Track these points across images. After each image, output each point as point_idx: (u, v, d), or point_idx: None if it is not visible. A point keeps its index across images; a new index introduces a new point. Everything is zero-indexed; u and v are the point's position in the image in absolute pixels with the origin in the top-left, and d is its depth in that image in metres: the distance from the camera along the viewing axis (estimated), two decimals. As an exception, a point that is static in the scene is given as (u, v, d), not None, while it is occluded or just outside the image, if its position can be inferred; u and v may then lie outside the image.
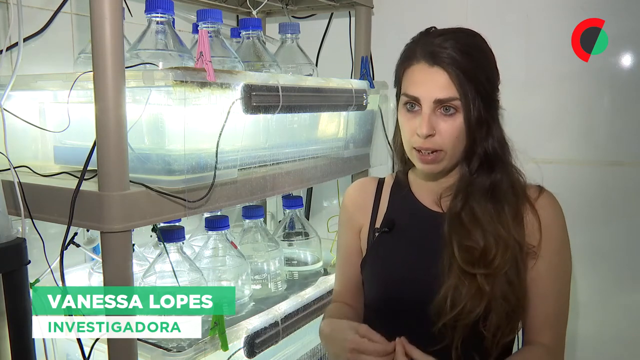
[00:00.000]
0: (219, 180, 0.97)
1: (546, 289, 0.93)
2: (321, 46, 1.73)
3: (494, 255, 0.88)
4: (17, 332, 0.82)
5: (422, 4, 1.57)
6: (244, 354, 1.10)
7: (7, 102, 0.97)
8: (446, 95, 0.89)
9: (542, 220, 0.93)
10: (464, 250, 0.89)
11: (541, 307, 0.93)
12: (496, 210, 0.92)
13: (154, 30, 1.04)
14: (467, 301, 0.87)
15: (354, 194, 1.11)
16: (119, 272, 0.84)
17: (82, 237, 1.14)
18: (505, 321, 0.88)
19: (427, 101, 0.90)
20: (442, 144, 0.90)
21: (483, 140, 0.92)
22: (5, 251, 0.79)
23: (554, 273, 0.93)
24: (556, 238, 0.94)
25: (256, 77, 1.04)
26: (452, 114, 0.90)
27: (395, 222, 1.01)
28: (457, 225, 0.92)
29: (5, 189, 0.88)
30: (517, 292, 0.89)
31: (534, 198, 0.94)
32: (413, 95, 0.91)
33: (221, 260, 1.22)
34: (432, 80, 0.89)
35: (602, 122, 1.38)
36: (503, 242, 0.89)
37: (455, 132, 0.90)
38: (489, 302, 0.87)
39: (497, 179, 0.93)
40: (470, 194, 0.93)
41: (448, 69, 0.88)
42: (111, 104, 0.80)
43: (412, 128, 0.92)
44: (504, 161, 0.94)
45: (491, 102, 0.93)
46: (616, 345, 1.41)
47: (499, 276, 0.88)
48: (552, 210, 0.95)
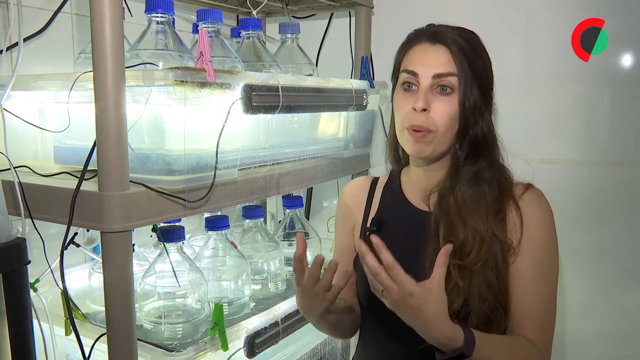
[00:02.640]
0: (219, 180, 0.97)
1: (527, 287, 0.90)
2: (321, 46, 1.73)
3: (470, 249, 0.88)
4: (17, 332, 0.82)
5: (422, 4, 1.58)
6: (244, 354, 1.10)
7: (7, 102, 0.97)
8: (445, 70, 0.90)
9: (524, 216, 0.92)
10: (447, 243, 0.89)
11: (522, 306, 0.90)
12: (477, 196, 0.92)
13: (154, 30, 1.04)
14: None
15: (347, 194, 1.12)
16: (119, 272, 0.83)
17: (82, 237, 1.14)
18: (484, 322, 0.87)
19: (426, 76, 0.91)
20: (434, 123, 0.91)
21: (474, 127, 0.92)
22: (5, 251, 0.79)
23: (536, 271, 0.91)
24: (539, 235, 0.92)
25: (256, 77, 1.04)
26: (448, 94, 0.91)
27: (384, 221, 1.02)
28: (443, 219, 0.92)
29: (5, 189, 0.88)
30: (496, 293, 0.88)
31: (518, 195, 0.93)
32: (412, 70, 0.92)
33: (221, 260, 1.22)
34: (433, 57, 0.91)
35: (602, 122, 1.38)
36: (480, 237, 0.89)
37: (449, 111, 0.91)
38: (466, 301, 0.87)
39: (482, 167, 0.94)
40: (457, 183, 0.93)
41: (451, 47, 0.91)
42: (111, 104, 0.80)
43: (407, 107, 0.93)
44: (491, 153, 0.95)
45: (486, 93, 0.94)
46: (616, 345, 1.41)
47: (475, 272, 0.87)
48: (535, 206, 0.93)
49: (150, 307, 1.09)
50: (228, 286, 1.22)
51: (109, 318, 0.85)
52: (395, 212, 1.03)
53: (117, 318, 0.85)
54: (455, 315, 0.86)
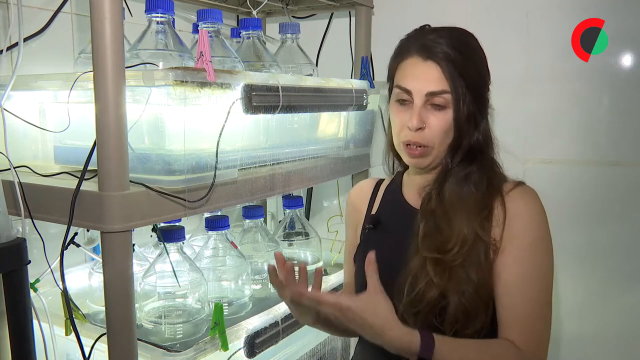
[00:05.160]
0: (219, 180, 0.97)
1: (512, 289, 0.87)
2: (321, 46, 1.73)
3: (452, 246, 0.88)
4: (17, 332, 0.82)
5: (422, 4, 1.58)
6: (244, 354, 1.10)
7: (7, 102, 0.97)
8: (438, 87, 0.90)
9: (508, 212, 0.89)
10: (429, 237, 0.90)
11: (507, 307, 0.87)
12: (464, 194, 0.91)
13: (154, 30, 1.04)
14: (422, 287, 0.87)
15: (353, 195, 1.14)
16: (119, 272, 0.83)
17: (82, 237, 1.14)
18: (463, 315, 0.86)
19: (419, 94, 0.91)
20: (430, 139, 0.91)
21: (469, 138, 0.92)
22: (5, 251, 0.79)
23: (520, 272, 0.87)
24: (523, 234, 0.88)
25: (256, 77, 1.04)
26: (442, 109, 0.91)
27: (381, 220, 1.03)
28: (428, 216, 0.93)
29: (6, 189, 0.88)
30: (476, 287, 0.86)
31: (506, 191, 0.92)
32: (405, 87, 0.92)
33: (221, 260, 1.22)
34: (424, 74, 0.91)
35: (601, 122, 1.38)
36: (462, 237, 0.88)
37: (444, 126, 0.91)
38: (442, 293, 0.86)
39: (472, 170, 0.93)
40: (445, 182, 0.93)
41: (441, 63, 0.89)
42: (111, 104, 0.80)
43: (402, 121, 0.93)
44: (484, 155, 0.95)
45: (481, 99, 0.94)
46: (616, 345, 1.40)
47: (454, 268, 0.87)
48: (522, 204, 0.90)
49: (150, 307, 1.09)
50: (228, 286, 1.22)
51: (109, 318, 0.85)
52: (393, 211, 1.04)
53: (117, 318, 0.85)
54: (432, 306, 0.86)
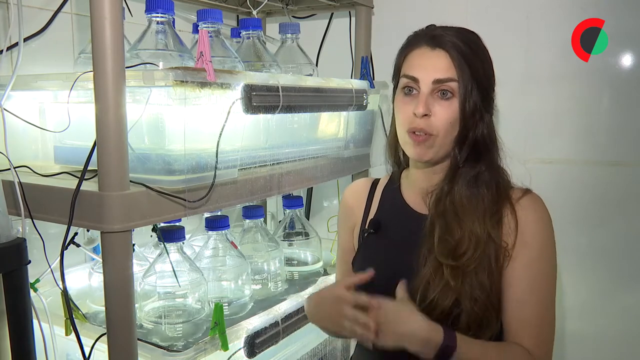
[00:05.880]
0: (219, 180, 0.97)
1: (523, 295, 0.89)
2: (321, 46, 1.73)
3: (465, 249, 0.88)
4: (17, 332, 0.82)
5: (422, 4, 1.58)
6: (244, 354, 1.10)
7: (7, 102, 0.97)
8: (445, 75, 0.90)
9: (519, 220, 0.91)
10: (442, 242, 0.90)
11: (518, 314, 0.89)
12: (474, 198, 0.92)
13: (154, 30, 1.04)
14: (436, 294, 0.87)
15: (348, 195, 1.13)
16: (119, 272, 0.83)
17: (82, 237, 1.14)
18: (475, 323, 0.87)
19: (426, 82, 0.91)
20: (435, 128, 0.91)
21: (474, 130, 0.92)
22: (5, 251, 0.79)
23: (531, 279, 0.89)
24: (534, 242, 0.90)
25: (256, 77, 1.04)
26: (448, 98, 0.91)
27: (382, 223, 1.03)
28: (439, 220, 0.92)
29: (6, 189, 0.88)
30: (488, 294, 0.88)
31: (515, 199, 0.93)
32: (413, 75, 0.92)
33: (221, 260, 1.22)
34: (432, 62, 0.91)
35: (601, 122, 1.38)
36: (475, 238, 0.89)
37: (450, 116, 0.91)
38: (457, 300, 0.87)
39: (482, 170, 0.93)
40: (455, 184, 0.93)
41: (450, 52, 0.90)
42: (111, 104, 0.80)
43: (408, 111, 0.93)
44: (491, 155, 0.95)
45: (487, 96, 0.94)
46: (616, 345, 1.41)
47: (468, 273, 0.87)
48: (532, 212, 0.92)
49: (150, 307, 1.09)
50: (228, 286, 1.22)
51: (109, 318, 0.85)
52: (394, 214, 1.03)
53: (117, 318, 0.85)
54: (446, 314, 0.87)
